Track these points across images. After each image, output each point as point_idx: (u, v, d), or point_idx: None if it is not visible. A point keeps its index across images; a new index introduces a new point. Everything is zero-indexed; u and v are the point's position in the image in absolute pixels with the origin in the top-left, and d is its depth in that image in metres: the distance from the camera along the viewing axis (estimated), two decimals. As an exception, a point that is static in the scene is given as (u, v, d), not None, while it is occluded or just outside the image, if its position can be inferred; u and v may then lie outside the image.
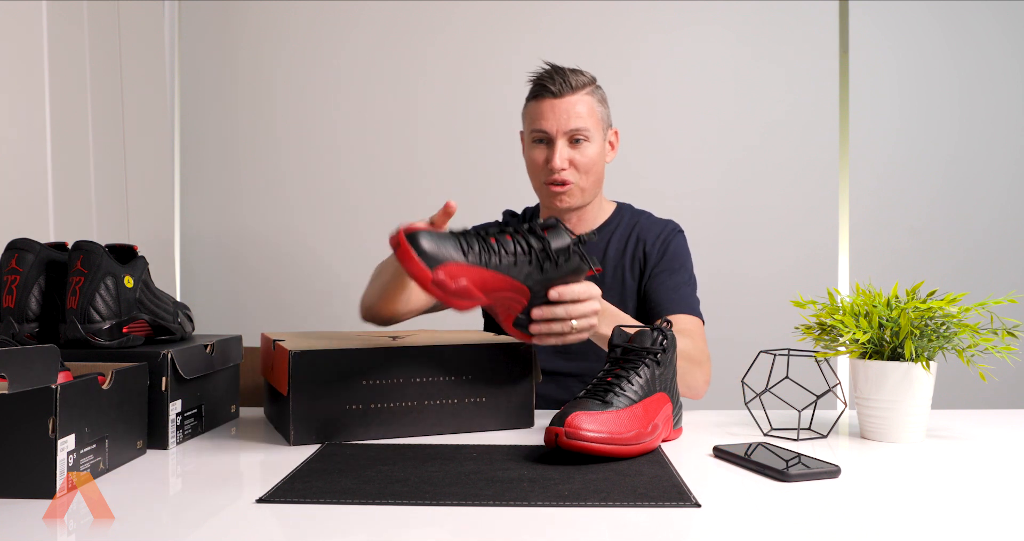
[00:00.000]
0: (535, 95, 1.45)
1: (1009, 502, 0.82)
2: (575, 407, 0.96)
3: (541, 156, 1.45)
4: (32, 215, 1.68)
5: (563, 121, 1.42)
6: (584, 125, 1.42)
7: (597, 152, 1.45)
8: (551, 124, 1.42)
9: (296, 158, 2.53)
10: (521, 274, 1.02)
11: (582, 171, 1.44)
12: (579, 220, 1.53)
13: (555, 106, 1.42)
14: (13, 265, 1.07)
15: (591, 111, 1.44)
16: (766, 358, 1.17)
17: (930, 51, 2.48)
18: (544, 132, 1.43)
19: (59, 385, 0.81)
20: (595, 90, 1.46)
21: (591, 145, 1.44)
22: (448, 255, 0.95)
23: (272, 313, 2.52)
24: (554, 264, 1.04)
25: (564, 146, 1.42)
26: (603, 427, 0.94)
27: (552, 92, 1.42)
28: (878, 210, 2.48)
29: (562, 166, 1.42)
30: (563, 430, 0.92)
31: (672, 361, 1.08)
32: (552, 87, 1.42)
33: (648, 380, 1.02)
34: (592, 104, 1.44)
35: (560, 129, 1.42)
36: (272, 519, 0.75)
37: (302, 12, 2.51)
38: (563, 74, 1.43)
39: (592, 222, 1.54)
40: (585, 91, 1.44)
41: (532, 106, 1.46)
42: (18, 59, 1.65)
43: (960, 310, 1.07)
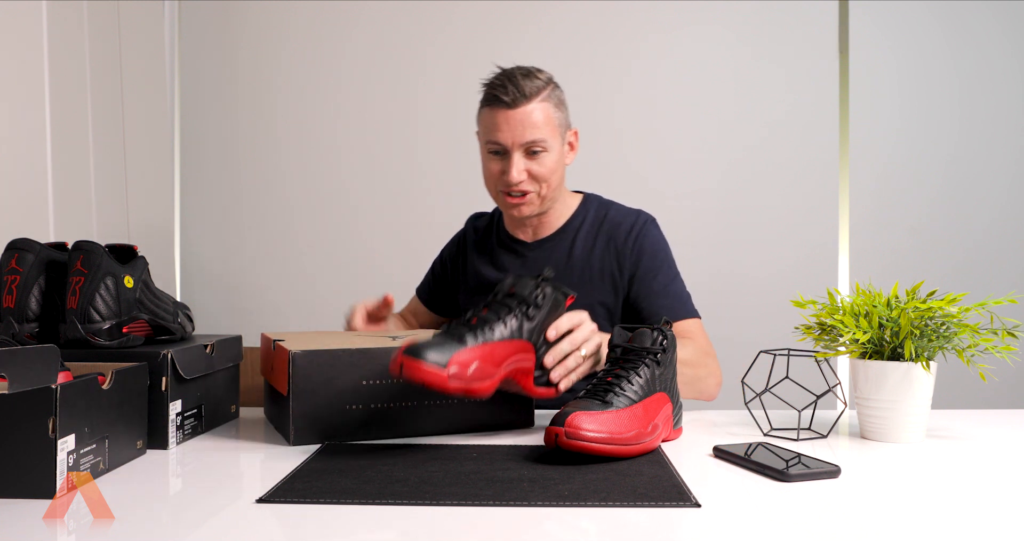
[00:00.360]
0: (488, 102, 1.39)
1: (1009, 502, 0.82)
2: (575, 407, 0.96)
3: (497, 167, 1.41)
4: (32, 215, 1.68)
5: (518, 133, 1.36)
6: (540, 136, 1.37)
7: (555, 159, 1.41)
8: (506, 136, 1.37)
9: (296, 158, 2.53)
10: (517, 333, 1.04)
11: (541, 180, 1.40)
12: (540, 222, 1.50)
13: (509, 118, 1.36)
14: (13, 265, 1.07)
15: (547, 119, 1.38)
16: (766, 358, 1.17)
17: (930, 51, 2.48)
18: (499, 144, 1.38)
19: (59, 385, 0.81)
20: (551, 93, 1.40)
21: (549, 154, 1.39)
22: (451, 350, 0.96)
23: (272, 313, 2.52)
24: (536, 308, 1.06)
25: (520, 158, 1.38)
26: (603, 427, 0.94)
27: (505, 102, 1.36)
28: (878, 210, 2.48)
29: (519, 179, 1.38)
30: (563, 430, 0.92)
31: (672, 361, 1.08)
32: (505, 97, 1.36)
33: (648, 380, 1.02)
34: (548, 111, 1.38)
35: (516, 142, 1.37)
36: (272, 519, 0.75)
37: (302, 12, 2.51)
38: (515, 82, 1.36)
39: (556, 221, 1.50)
40: (540, 98, 1.37)
41: (486, 114, 1.40)
42: (18, 59, 1.65)
43: (960, 310, 1.06)
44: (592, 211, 1.50)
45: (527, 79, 1.37)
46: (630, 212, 1.50)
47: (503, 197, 1.43)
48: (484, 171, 1.45)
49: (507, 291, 1.08)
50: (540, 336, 1.07)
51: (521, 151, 1.38)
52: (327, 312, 2.47)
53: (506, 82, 1.36)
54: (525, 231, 1.52)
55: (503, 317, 1.03)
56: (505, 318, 1.03)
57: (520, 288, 1.07)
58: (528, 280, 1.08)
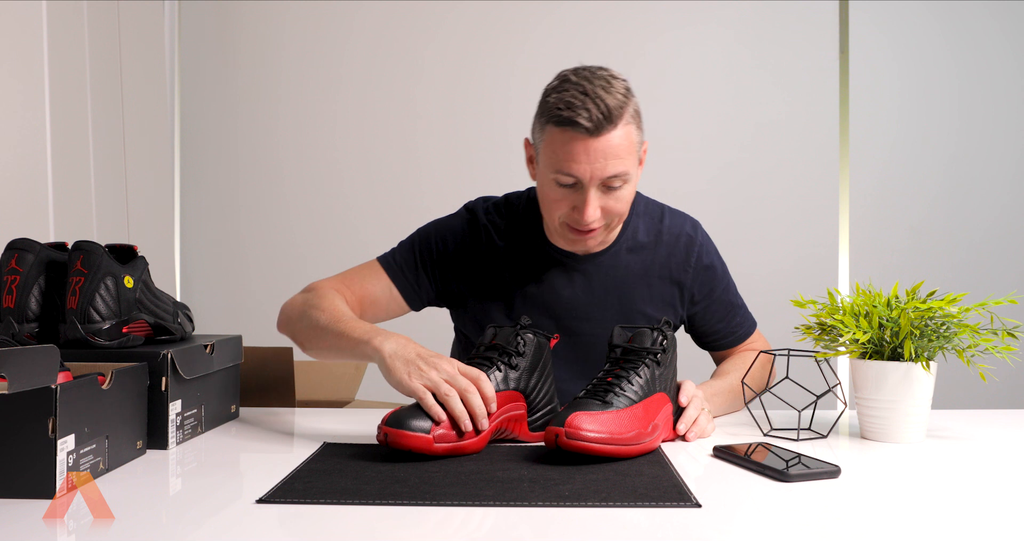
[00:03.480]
0: (561, 123, 1.13)
1: (1009, 502, 0.82)
2: (575, 407, 0.96)
3: (564, 201, 1.18)
4: (32, 215, 1.68)
5: (599, 168, 1.13)
6: (623, 169, 1.14)
7: (630, 192, 1.20)
8: (584, 170, 1.13)
9: (296, 158, 2.52)
10: (503, 383, 1.04)
11: (615, 214, 1.20)
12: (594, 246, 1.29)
13: (590, 148, 1.12)
14: (13, 265, 1.07)
15: (629, 145, 1.15)
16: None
17: (930, 51, 2.48)
18: (573, 177, 1.14)
19: (59, 385, 0.81)
20: (629, 105, 1.15)
21: (628, 186, 1.18)
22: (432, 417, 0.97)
23: (272, 313, 2.51)
24: (519, 356, 1.06)
25: (596, 195, 1.15)
26: (603, 427, 0.94)
27: (586, 129, 1.11)
28: (878, 210, 2.47)
29: (593, 218, 1.16)
30: (563, 430, 0.92)
31: (672, 361, 1.08)
32: (586, 123, 1.11)
33: (648, 380, 1.02)
34: (631, 134, 1.15)
35: (595, 176, 1.13)
36: (272, 519, 0.75)
37: (302, 12, 2.51)
38: (600, 102, 1.11)
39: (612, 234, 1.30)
40: (624, 120, 1.13)
41: (557, 137, 1.14)
42: (18, 59, 1.65)
43: (960, 310, 1.06)
44: (643, 217, 1.33)
45: (609, 95, 1.12)
46: (684, 220, 1.36)
47: (567, 230, 1.21)
48: (544, 199, 1.22)
49: (488, 343, 1.08)
50: (529, 382, 1.07)
51: (598, 186, 1.15)
52: (327, 312, 2.47)
53: (587, 101, 1.11)
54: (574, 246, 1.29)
55: (488, 372, 1.04)
56: (489, 373, 1.04)
57: (500, 339, 1.07)
58: (508, 330, 1.08)
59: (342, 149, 2.51)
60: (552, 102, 1.15)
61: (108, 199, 1.99)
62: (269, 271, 2.53)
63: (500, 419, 1.03)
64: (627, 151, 1.14)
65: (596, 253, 1.30)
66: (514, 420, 1.05)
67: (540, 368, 1.09)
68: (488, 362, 1.05)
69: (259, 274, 2.53)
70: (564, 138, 1.13)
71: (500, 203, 1.35)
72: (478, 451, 1.00)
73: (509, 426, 1.05)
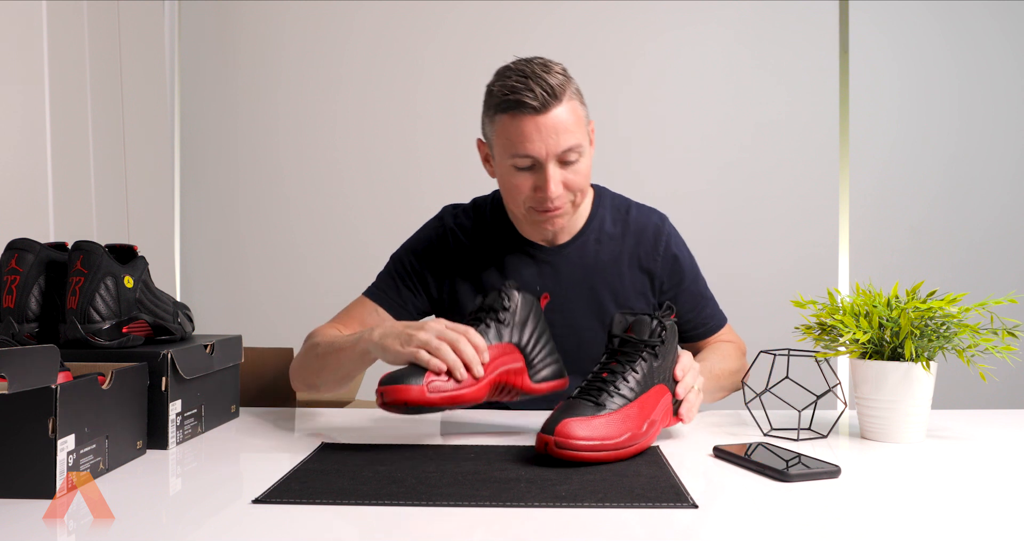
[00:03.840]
0: (507, 109, 1.18)
1: (1009, 502, 0.82)
2: (566, 413, 0.94)
3: (526, 183, 1.22)
4: (32, 215, 1.68)
5: (552, 142, 1.18)
6: (576, 142, 1.19)
7: (588, 164, 1.25)
8: (538, 147, 1.18)
9: (296, 158, 2.53)
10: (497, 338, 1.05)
11: (576, 189, 1.24)
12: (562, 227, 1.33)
13: (540, 125, 1.17)
14: (13, 265, 1.07)
15: (577, 119, 1.20)
16: (766, 358, 1.17)
17: (930, 51, 2.48)
18: (531, 157, 1.19)
19: (59, 385, 0.81)
20: (571, 85, 1.21)
21: (583, 159, 1.22)
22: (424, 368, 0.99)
23: (272, 313, 2.52)
24: (506, 311, 1.07)
25: (556, 170, 1.20)
26: (594, 433, 0.92)
27: (533, 107, 1.16)
28: (878, 210, 2.48)
29: (558, 193, 1.21)
30: (553, 439, 0.92)
31: (671, 352, 1.06)
32: (532, 101, 1.16)
33: (645, 375, 1.00)
34: (576, 108, 1.21)
35: (551, 152, 1.18)
36: (271, 520, 0.75)
37: (302, 12, 2.51)
38: (541, 80, 1.16)
39: (576, 221, 1.36)
40: (567, 95, 1.19)
41: (507, 123, 1.19)
42: (18, 59, 1.65)
43: (960, 310, 1.06)
44: (609, 209, 1.38)
45: (549, 75, 1.17)
46: (651, 212, 1.40)
47: (534, 214, 1.26)
48: (507, 189, 1.26)
49: (477, 307, 1.11)
50: (523, 337, 1.08)
51: (555, 161, 1.20)
52: (327, 312, 2.47)
53: (529, 82, 1.16)
54: (543, 235, 1.36)
55: (477, 329, 1.05)
56: (479, 329, 1.05)
57: (489, 300, 1.09)
58: (493, 292, 1.10)
59: (342, 149, 2.51)
60: (497, 92, 1.20)
61: (108, 199, 1.99)
62: (269, 271, 2.53)
63: (498, 372, 1.03)
64: (576, 124, 1.20)
65: (563, 245, 1.35)
66: (513, 373, 1.05)
67: (532, 322, 1.09)
68: (477, 322, 1.07)
69: (259, 274, 2.53)
70: (514, 122, 1.18)
71: (468, 207, 1.41)
72: (479, 400, 1.00)
73: (509, 379, 1.05)
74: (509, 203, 1.30)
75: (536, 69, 1.18)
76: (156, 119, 2.33)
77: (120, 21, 2.09)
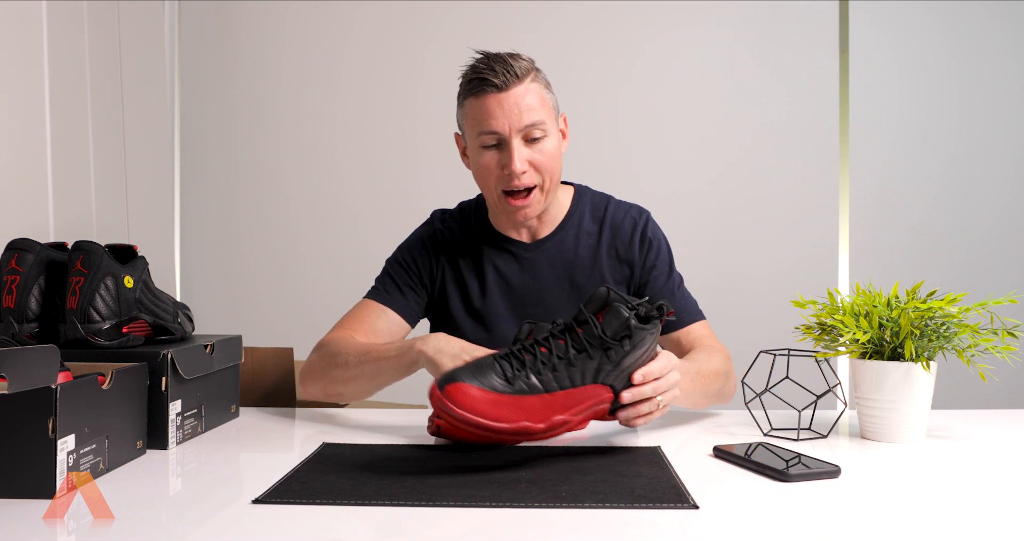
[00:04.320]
0: (474, 91, 1.26)
1: (1009, 502, 0.82)
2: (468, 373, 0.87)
3: (493, 161, 1.27)
4: (32, 215, 1.68)
5: (515, 117, 1.24)
6: (539, 118, 1.25)
7: (555, 146, 1.29)
8: (502, 123, 1.24)
9: (296, 158, 2.52)
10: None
11: (544, 171, 1.28)
12: (540, 222, 1.38)
13: (502, 101, 1.24)
14: (13, 265, 1.07)
15: (542, 100, 1.27)
16: (766, 358, 1.17)
17: (930, 51, 2.48)
18: (495, 133, 1.25)
19: (59, 385, 0.81)
20: (538, 74, 1.29)
21: (549, 139, 1.27)
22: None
23: (272, 313, 2.52)
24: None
25: (520, 146, 1.25)
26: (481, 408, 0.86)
27: (495, 85, 1.24)
28: (878, 210, 2.48)
29: (523, 169, 1.25)
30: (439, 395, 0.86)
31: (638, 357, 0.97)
32: (495, 79, 1.23)
33: (585, 372, 0.93)
34: (540, 92, 1.27)
35: (513, 127, 1.24)
36: (271, 520, 0.75)
37: (302, 12, 2.51)
38: (503, 62, 1.25)
39: (554, 218, 1.39)
40: (530, 78, 1.26)
41: (473, 105, 1.27)
42: (18, 59, 1.65)
43: (960, 310, 1.06)
44: (589, 206, 1.41)
45: (512, 59, 1.26)
46: (630, 208, 1.42)
47: (504, 200, 1.30)
48: (478, 171, 1.31)
49: (524, 338, 1.03)
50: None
51: (520, 138, 1.25)
52: (327, 312, 2.47)
53: (492, 64, 1.25)
54: (520, 231, 1.39)
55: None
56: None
57: (538, 333, 1.01)
58: (543, 325, 1.03)
59: (342, 149, 2.51)
60: (464, 78, 1.29)
61: (108, 199, 1.99)
62: (269, 271, 2.53)
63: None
64: (539, 104, 1.26)
65: (542, 240, 1.39)
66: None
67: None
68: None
69: (259, 274, 2.53)
70: (479, 101, 1.26)
71: (454, 210, 1.47)
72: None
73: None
74: (483, 190, 1.34)
75: (500, 54, 1.27)
76: (156, 119, 2.33)
77: (120, 21, 2.09)
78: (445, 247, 1.41)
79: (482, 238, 1.41)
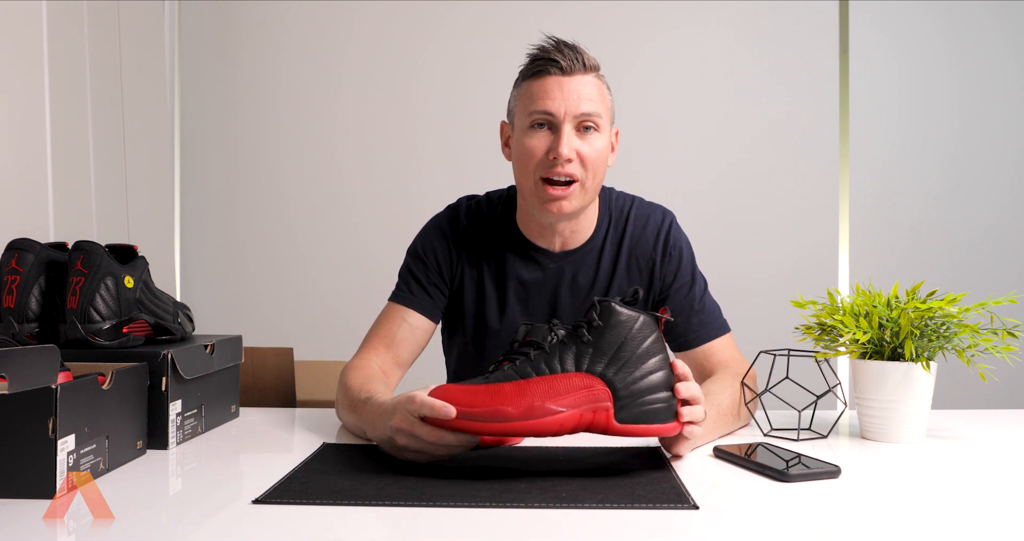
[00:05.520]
0: (536, 72, 1.21)
1: (1009, 502, 0.82)
2: None
3: (541, 143, 1.19)
4: (32, 215, 1.68)
5: (572, 102, 1.18)
6: (596, 109, 1.19)
7: (605, 145, 1.23)
8: (558, 105, 1.18)
9: (296, 158, 2.52)
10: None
11: (589, 168, 1.20)
12: (572, 232, 1.29)
13: (563, 84, 1.18)
14: (13, 265, 1.07)
15: (602, 96, 1.22)
16: (766, 358, 1.17)
17: (930, 51, 2.48)
18: (549, 114, 1.18)
19: (59, 385, 0.81)
20: (603, 77, 1.26)
21: (601, 137, 1.21)
22: None
23: (272, 313, 2.52)
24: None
25: (571, 133, 1.19)
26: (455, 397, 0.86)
27: (561, 67, 1.19)
28: (878, 210, 2.48)
29: (569, 155, 1.17)
30: None
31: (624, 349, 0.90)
32: (562, 62, 1.19)
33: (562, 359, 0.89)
34: (603, 90, 1.23)
35: (569, 111, 1.18)
36: (270, 520, 0.75)
37: (302, 12, 2.51)
38: (574, 50, 1.20)
39: (586, 229, 1.31)
40: (596, 73, 1.23)
41: (532, 85, 1.21)
42: (18, 59, 1.65)
43: (960, 310, 1.06)
44: (615, 213, 1.34)
45: (584, 52, 1.22)
46: (653, 211, 1.35)
47: (542, 187, 1.20)
48: (520, 154, 1.22)
49: (522, 339, 1.03)
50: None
51: (573, 124, 1.19)
52: (327, 312, 2.48)
53: (563, 48, 1.20)
54: (552, 240, 1.30)
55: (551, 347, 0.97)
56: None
57: (535, 335, 1.00)
58: (541, 326, 1.01)
59: (342, 149, 2.51)
60: (528, 61, 1.23)
61: (108, 199, 1.99)
62: (269, 271, 2.53)
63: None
64: (599, 98, 1.21)
65: (571, 251, 1.30)
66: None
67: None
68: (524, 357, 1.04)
69: (259, 274, 2.53)
70: (539, 81, 1.20)
71: (482, 200, 1.37)
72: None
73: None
74: (521, 177, 1.25)
75: (572, 44, 1.22)
76: (156, 119, 2.33)
77: (120, 21, 2.08)
78: (467, 244, 1.33)
79: (507, 243, 1.32)
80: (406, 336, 1.29)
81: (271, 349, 1.60)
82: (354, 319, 1.59)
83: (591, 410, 0.87)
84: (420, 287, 1.32)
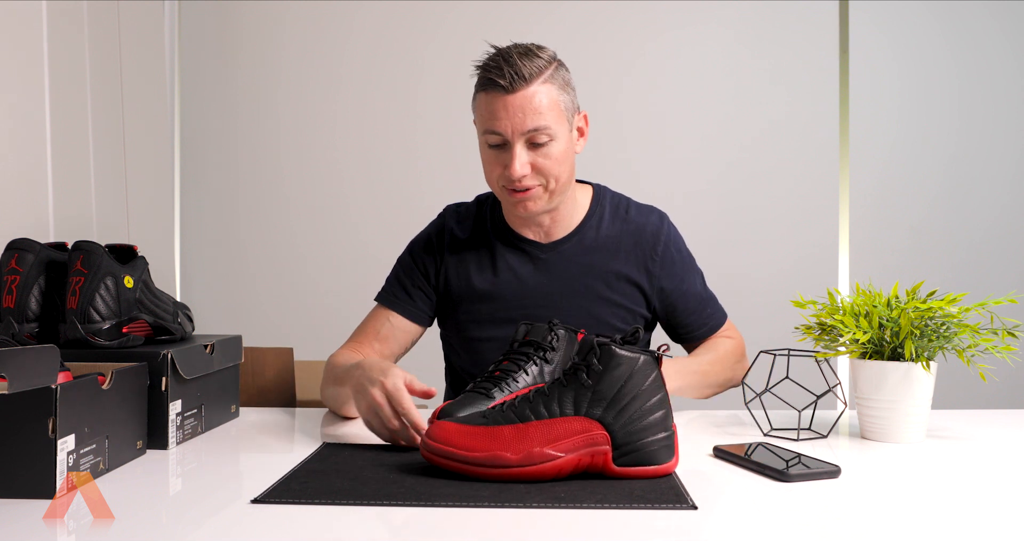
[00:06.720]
0: (483, 87, 1.25)
1: (1009, 502, 0.82)
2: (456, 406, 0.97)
3: (496, 161, 1.26)
4: (32, 215, 1.68)
5: (518, 121, 1.21)
6: (544, 123, 1.22)
7: (562, 149, 1.25)
8: (504, 125, 1.22)
9: (296, 158, 2.52)
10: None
11: (547, 173, 1.25)
12: (554, 221, 1.34)
13: (508, 104, 1.21)
14: (13, 265, 1.07)
15: (552, 103, 1.22)
16: (766, 358, 1.17)
17: (930, 51, 2.48)
18: (497, 134, 1.23)
19: (59, 385, 0.81)
20: (554, 74, 1.24)
21: (555, 143, 1.24)
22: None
23: (272, 313, 2.52)
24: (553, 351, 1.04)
25: (523, 150, 1.23)
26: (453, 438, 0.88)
27: (502, 86, 1.21)
28: (878, 210, 2.47)
29: (522, 173, 1.23)
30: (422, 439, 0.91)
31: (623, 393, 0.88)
32: (501, 81, 1.21)
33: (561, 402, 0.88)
34: (552, 93, 1.23)
35: (516, 130, 1.22)
36: (270, 520, 0.75)
37: (302, 12, 2.51)
38: (512, 63, 1.21)
39: (571, 218, 1.36)
40: (541, 79, 1.22)
41: (481, 101, 1.26)
42: (18, 59, 1.65)
43: (960, 310, 1.06)
44: (608, 208, 1.38)
45: (526, 59, 1.22)
46: (650, 211, 1.40)
47: (506, 193, 1.28)
48: (484, 164, 1.31)
49: (522, 339, 1.08)
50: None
51: (523, 141, 1.23)
52: (327, 312, 2.47)
53: (502, 64, 1.21)
54: (536, 230, 1.36)
55: (523, 366, 1.05)
56: (525, 367, 1.05)
57: (535, 334, 1.08)
58: (541, 326, 1.09)
59: (342, 149, 2.51)
60: (479, 73, 1.27)
61: (108, 199, 1.99)
62: (269, 271, 2.53)
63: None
64: (548, 108, 1.22)
65: (558, 241, 1.36)
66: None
67: None
68: (524, 357, 1.06)
69: (259, 274, 2.53)
70: (488, 100, 1.24)
71: (470, 203, 1.45)
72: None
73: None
74: (490, 184, 1.32)
75: (514, 54, 1.23)
76: (156, 119, 2.33)
77: (120, 21, 2.08)
78: (453, 241, 1.39)
79: (496, 235, 1.38)
80: (390, 334, 1.37)
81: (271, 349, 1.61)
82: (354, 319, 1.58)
83: (589, 455, 0.88)
84: (404, 291, 1.39)
